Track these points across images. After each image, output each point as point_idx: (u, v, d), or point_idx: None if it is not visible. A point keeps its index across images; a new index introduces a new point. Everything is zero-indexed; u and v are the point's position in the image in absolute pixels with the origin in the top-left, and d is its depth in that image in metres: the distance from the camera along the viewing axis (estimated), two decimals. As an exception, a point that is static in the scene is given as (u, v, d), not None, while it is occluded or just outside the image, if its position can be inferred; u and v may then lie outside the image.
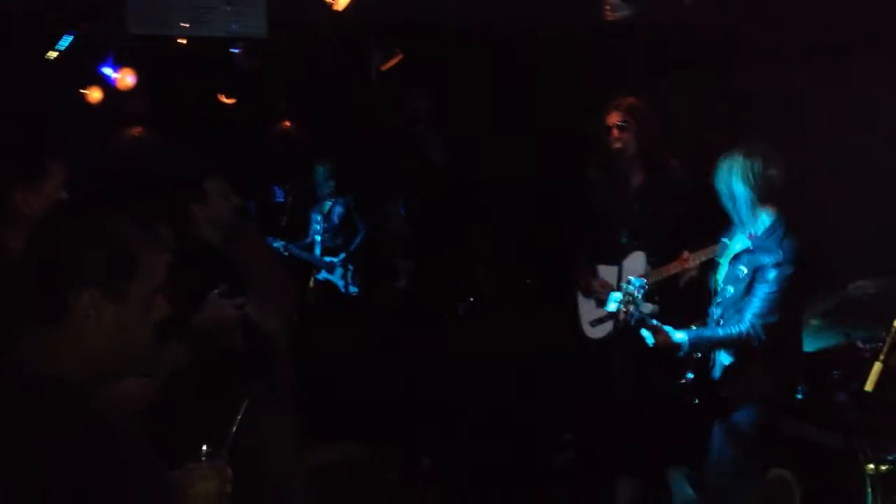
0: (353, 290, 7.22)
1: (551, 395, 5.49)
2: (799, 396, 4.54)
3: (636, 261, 4.46)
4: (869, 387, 3.21)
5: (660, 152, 4.51)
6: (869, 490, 4.03)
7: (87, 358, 1.72)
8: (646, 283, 3.67)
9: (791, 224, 3.60)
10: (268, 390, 3.71)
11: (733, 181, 3.57)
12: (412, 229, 7.14)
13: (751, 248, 3.66)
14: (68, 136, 5.84)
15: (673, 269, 4.34)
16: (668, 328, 3.61)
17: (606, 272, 4.57)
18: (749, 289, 3.60)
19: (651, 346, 3.64)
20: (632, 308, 3.53)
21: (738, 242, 3.80)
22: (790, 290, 3.53)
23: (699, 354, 3.76)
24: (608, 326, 4.53)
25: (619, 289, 3.79)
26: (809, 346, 4.16)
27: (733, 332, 3.54)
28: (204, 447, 2.07)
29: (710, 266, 4.02)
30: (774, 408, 3.80)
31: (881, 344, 3.24)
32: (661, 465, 4.81)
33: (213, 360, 3.39)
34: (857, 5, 4.65)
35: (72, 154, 3.00)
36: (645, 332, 3.63)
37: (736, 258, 3.75)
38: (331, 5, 3.98)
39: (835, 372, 4.48)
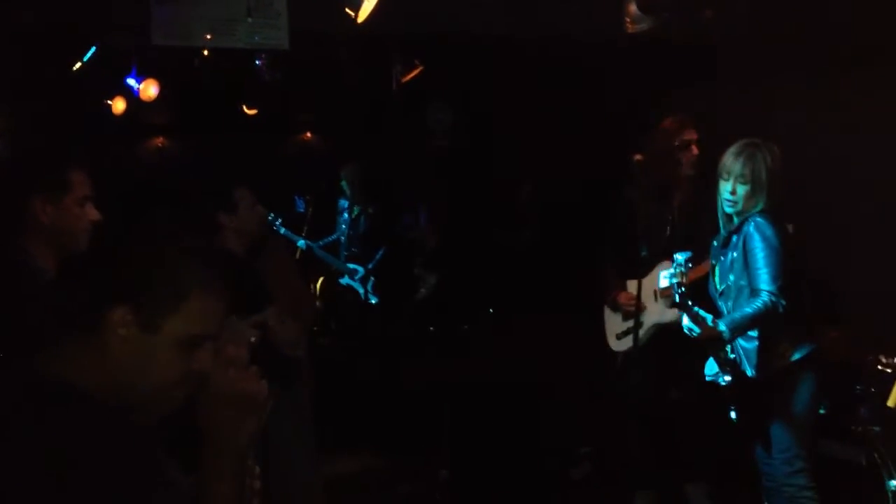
0: (373, 299, 7.25)
1: (570, 407, 5.47)
2: (822, 412, 4.52)
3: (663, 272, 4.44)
4: (892, 402, 3.19)
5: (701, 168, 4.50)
6: (891, 506, 4.01)
7: (109, 377, 1.70)
8: (690, 258, 3.66)
9: (770, 206, 3.73)
10: (287, 399, 3.72)
11: (758, 169, 3.72)
12: (434, 240, 7.16)
13: (734, 228, 3.78)
14: (93, 147, 5.90)
15: (697, 273, 4.33)
16: (707, 315, 3.63)
17: (633, 286, 4.55)
18: (747, 266, 3.68)
19: (697, 336, 3.63)
20: (684, 280, 3.54)
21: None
22: (782, 248, 3.62)
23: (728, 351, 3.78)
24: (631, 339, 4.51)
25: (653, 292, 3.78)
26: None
27: (758, 305, 3.58)
28: None
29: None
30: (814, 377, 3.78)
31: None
32: (680, 479, 4.78)
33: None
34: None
35: (95, 166, 3.00)
36: (689, 325, 3.64)
37: (724, 247, 3.85)
38: (353, 18, 4.00)
39: (857, 387, 4.46)
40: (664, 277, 3.69)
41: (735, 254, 3.78)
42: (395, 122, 6.83)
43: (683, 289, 3.52)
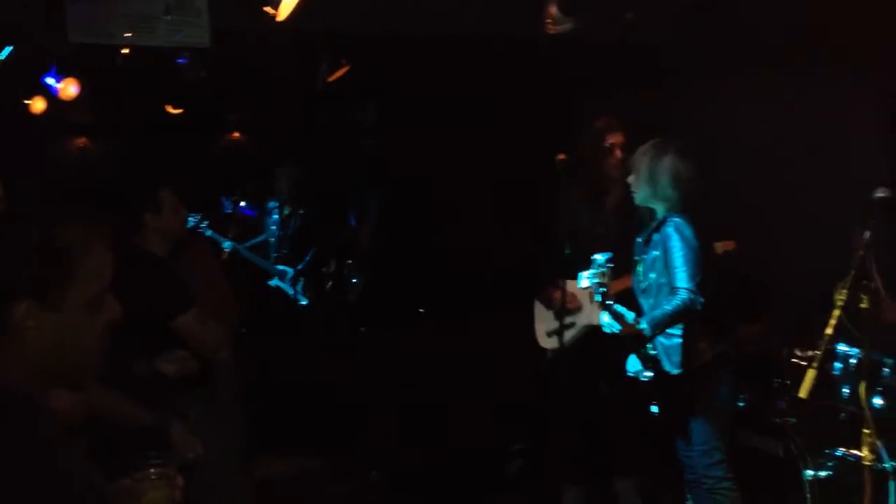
0: (303, 300, 7.19)
1: (503, 405, 5.51)
2: (741, 405, 4.64)
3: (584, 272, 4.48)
4: (803, 394, 3.27)
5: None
6: (808, 496, 4.12)
7: (35, 367, 1.72)
8: (610, 261, 3.74)
9: (686, 205, 3.85)
10: (210, 401, 3.68)
11: (656, 169, 3.85)
12: (366, 241, 7.14)
13: (655, 227, 3.88)
14: (10, 147, 5.76)
15: (621, 285, 4.40)
16: (629, 313, 3.72)
17: (572, 286, 4.59)
18: (667, 265, 3.78)
19: (617, 333, 3.72)
20: (604, 280, 3.61)
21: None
22: (698, 248, 3.72)
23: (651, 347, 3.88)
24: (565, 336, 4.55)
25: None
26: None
27: (677, 302, 3.69)
28: (150, 455, 2.05)
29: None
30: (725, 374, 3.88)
31: (817, 352, 3.31)
32: (609, 475, 4.85)
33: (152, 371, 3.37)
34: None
35: (14, 166, 2.93)
36: (611, 322, 3.73)
37: (647, 246, 3.95)
38: (273, 15, 3.97)
39: (776, 380, 4.58)
40: (585, 278, 3.75)
41: (656, 252, 3.87)
42: (324, 122, 6.80)
43: (604, 288, 3.58)
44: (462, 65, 5.33)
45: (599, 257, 3.65)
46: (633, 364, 3.99)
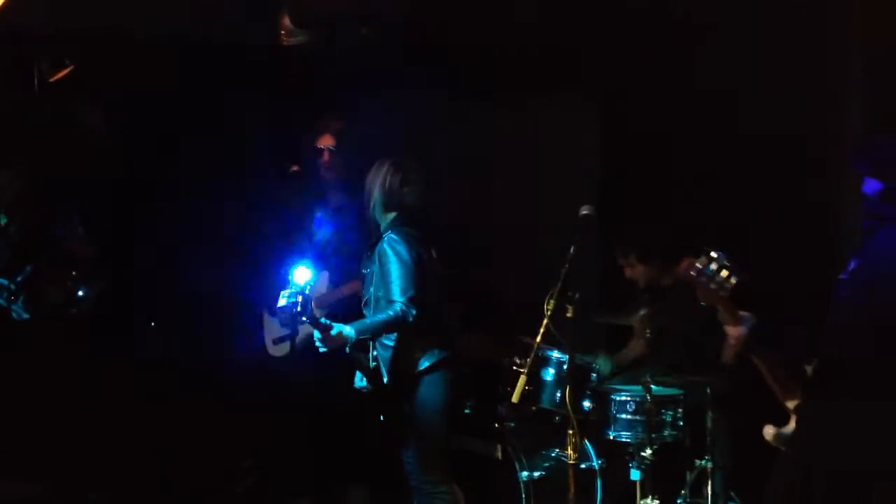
0: (24, 315, 6.69)
1: (232, 420, 5.39)
2: (467, 411, 4.83)
3: (321, 281, 4.51)
4: (515, 399, 3.46)
5: (358, 177, 4.64)
6: (523, 496, 4.36)
7: None
8: (314, 279, 3.77)
9: (406, 222, 3.99)
10: None
11: (373, 184, 4.02)
12: (93, 250, 6.75)
13: (375, 241, 4.01)
14: None
15: (346, 291, 4.46)
16: (336, 325, 3.75)
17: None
18: (382, 278, 3.90)
19: (319, 343, 3.74)
20: (301, 300, 3.61)
21: None
22: (413, 264, 3.85)
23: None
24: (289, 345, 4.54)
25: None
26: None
27: (389, 313, 3.80)
28: None
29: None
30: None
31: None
32: (341, 482, 4.88)
33: None
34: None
35: None
36: (315, 333, 3.75)
37: (369, 259, 4.05)
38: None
39: (500, 387, 4.80)
40: (282, 297, 3.78)
41: (375, 267, 3.97)
42: (46, 125, 6.36)
43: (300, 308, 3.60)
44: (193, 68, 5.20)
45: (298, 278, 3.65)
46: (358, 377, 4.06)
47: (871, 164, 3.01)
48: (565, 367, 4.19)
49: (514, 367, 4.45)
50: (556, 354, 4.50)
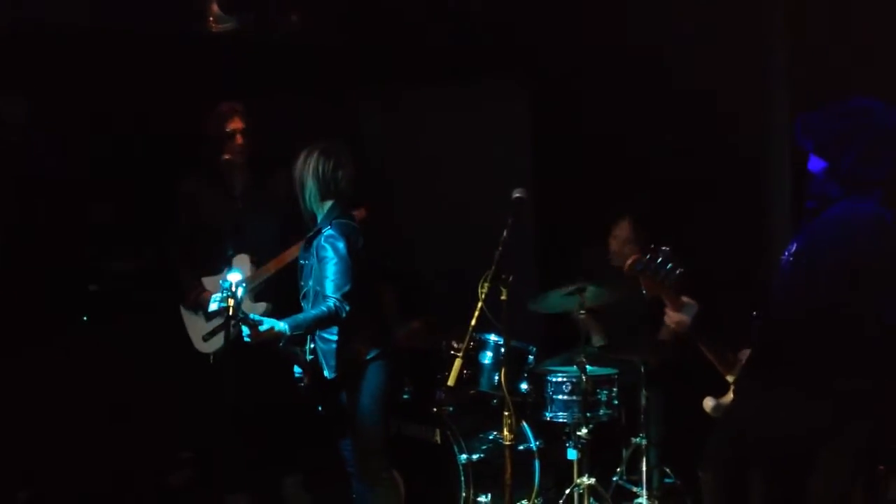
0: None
1: (168, 413, 5.31)
2: (406, 397, 4.84)
3: (241, 265, 4.46)
4: (451, 382, 3.47)
5: (266, 158, 4.60)
6: (462, 479, 4.38)
7: None
8: (244, 279, 3.74)
9: (343, 212, 3.96)
10: None
11: (304, 174, 3.94)
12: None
13: (311, 236, 3.96)
14: None
15: (273, 267, 4.43)
16: (268, 320, 3.71)
17: (212, 283, 4.51)
18: (319, 272, 3.86)
19: (249, 339, 3.70)
20: (232, 302, 3.57)
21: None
22: (350, 258, 3.83)
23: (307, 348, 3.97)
24: (221, 339, 4.48)
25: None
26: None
27: (323, 309, 3.77)
28: None
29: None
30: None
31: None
32: (277, 476, 4.85)
33: None
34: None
35: None
36: (245, 329, 3.69)
37: (305, 251, 4.02)
38: None
39: (437, 372, 4.82)
40: (213, 302, 3.73)
41: (314, 260, 3.94)
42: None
43: (231, 312, 3.58)
44: (117, 59, 5.08)
45: (228, 277, 3.61)
46: (297, 370, 4.05)
47: (815, 141, 2.97)
48: (503, 349, 4.23)
49: (452, 352, 4.46)
50: (493, 338, 4.53)
